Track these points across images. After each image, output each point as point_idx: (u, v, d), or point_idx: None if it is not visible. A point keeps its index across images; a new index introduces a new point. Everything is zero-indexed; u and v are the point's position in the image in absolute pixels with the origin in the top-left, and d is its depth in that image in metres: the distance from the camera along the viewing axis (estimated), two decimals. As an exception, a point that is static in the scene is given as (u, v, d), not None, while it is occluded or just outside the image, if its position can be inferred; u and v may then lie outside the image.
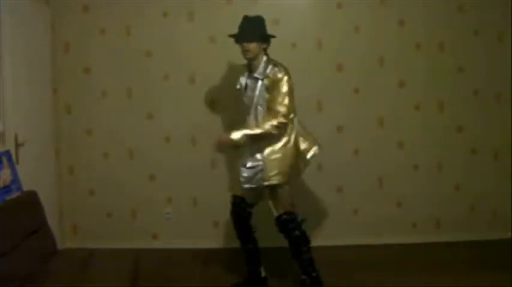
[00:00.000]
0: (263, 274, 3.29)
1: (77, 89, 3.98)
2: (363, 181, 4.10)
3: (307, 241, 3.09)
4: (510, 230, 4.09)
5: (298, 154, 3.07)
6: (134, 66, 3.96)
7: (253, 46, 2.96)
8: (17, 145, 3.10)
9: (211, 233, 4.08)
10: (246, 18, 3.04)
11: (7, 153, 2.93)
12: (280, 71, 2.93)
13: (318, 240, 4.05)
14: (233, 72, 3.93)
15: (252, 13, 3.09)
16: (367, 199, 4.12)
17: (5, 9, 3.00)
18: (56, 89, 3.91)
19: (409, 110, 4.07)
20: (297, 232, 3.04)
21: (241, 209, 3.19)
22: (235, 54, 3.88)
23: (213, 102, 4.00)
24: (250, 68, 3.09)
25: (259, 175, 3.00)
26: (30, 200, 2.83)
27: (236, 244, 3.27)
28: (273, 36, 3.06)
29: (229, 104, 3.92)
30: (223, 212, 3.36)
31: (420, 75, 4.05)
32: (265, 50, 3.05)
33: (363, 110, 4.04)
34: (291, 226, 3.04)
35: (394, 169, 4.10)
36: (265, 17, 3.07)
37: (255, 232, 3.25)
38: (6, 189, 2.79)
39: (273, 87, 2.93)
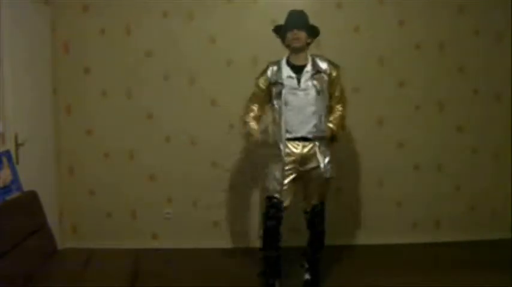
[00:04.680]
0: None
1: (77, 89, 3.98)
2: (363, 180, 4.10)
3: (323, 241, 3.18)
4: (510, 230, 4.09)
5: None
6: (134, 66, 3.96)
7: (303, 35, 2.98)
8: (17, 145, 3.10)
9: (211, 233, 4.08)
10: (293, 11, 3.06)
11: (7, 153, 2.93)
12: (335, 67, 3.10)
13: (318, 240, 4.08)
14: (233, 72, 3.94)
15: (251, 13, 3.09)
16: (367, 199, 4.12)
17: (5, 9, 3.00)
18: (56, 89, 3.91)
19: (409, 110, 4.07)
20: (323, 227, 3.15)
21: (279, 211, 3.04)
22: (235, 54, 3.89)
23: (213, 102, 4.00)
24: (292, 62, 3.04)
25: (329, 167, 3.06)
26: (30, 200, 2.83)
27: (236, 244, 3.26)
28: (318, 33, 3.08)
29: (229, 104, 3.92)
30: (223, 212, 3.36)
31: (420, 75, 4.05)
32: (308, 44, 3.07)
33: (363, 110, 4.04)
34: (320, 219, 3.14)
35: (394, 169, 4.10)
36: (264, 17, 3.07)
37: (280, 241, 3.11)
38: (6, 189, 2.79)
39: (336, 81, 3.09)
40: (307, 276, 3.19)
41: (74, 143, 4.01)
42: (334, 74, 3.06)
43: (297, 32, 2.96)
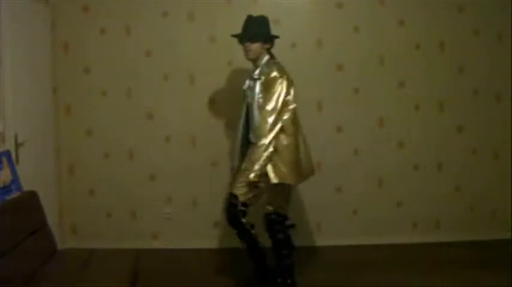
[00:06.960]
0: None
1: (77, 89, 3.98)
2: (362, 181, 4.10)
3: (289, 246, 3.05)
4: (510, 230, 4.10)
5: (300, 159, 3.01)
6: (134, 66, 3.96)
7: (255, 46, 2.96)
8: (17, 145, 3.10)
9: (211, 233, 4.08)
10: (249, 18, 3.02)
11: (7, 153, 2.93)
12: (273, 71, 2.89)
13: (318, 240, 4.08)
14: (233, 72, 3.94)
15: (252, 13, 3.09)
16: (367, 199, 4.12)
17: (5, 9, 3.00)
18: (56, 89, 3.91)
19: (409, 110, 4.07)
20: (281, 235, 3.01)
21: (233, 206, 3.04)
22: (235, 54, 3.89)
23: (213, 102, 4.00)
24: (254, 69, 3.06)
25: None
26: (30, 200, 2.84)
27: (236, 244, 3.25)
28: (277, 37, 3.05)
29: (229, 104, 3.92)
30: (223, 212, 3.36)
31: (420, 75, 4.05)
32: (268, 50, 3.04)
33: (363, 110, 4.04)
34: (277, 227, 3.01)
35: (394, 169, 4.10)
36: (265, 17, 3.08)
37: (252, 231, 3.08)
38: (6, 189, 2.79)
39: (266, 86, 2.90)
40: (278, 279, 3.06)
41: (74, 142, 4.01)
42: (271, 75, 2.87)
43: (248, 45, 2.96)
